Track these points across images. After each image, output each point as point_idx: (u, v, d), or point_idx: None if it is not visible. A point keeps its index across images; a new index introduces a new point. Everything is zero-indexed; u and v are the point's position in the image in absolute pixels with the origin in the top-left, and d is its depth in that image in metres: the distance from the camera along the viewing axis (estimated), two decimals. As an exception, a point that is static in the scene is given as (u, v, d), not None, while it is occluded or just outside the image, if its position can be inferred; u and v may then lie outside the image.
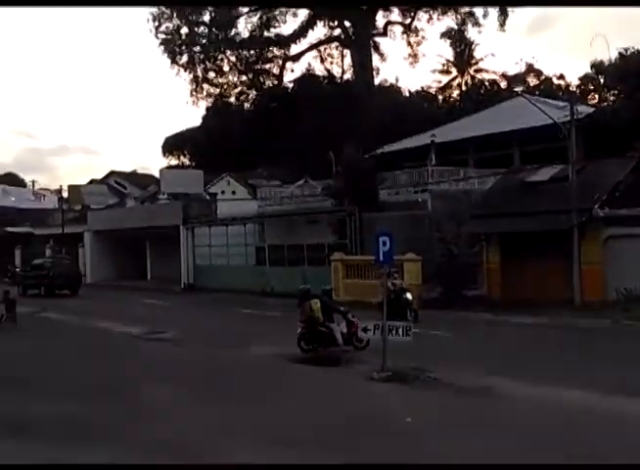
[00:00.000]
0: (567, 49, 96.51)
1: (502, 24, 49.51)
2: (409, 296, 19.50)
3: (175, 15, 50.96)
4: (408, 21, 52.39)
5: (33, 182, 54.13)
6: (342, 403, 10.89)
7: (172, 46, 51.73)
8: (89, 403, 11.41)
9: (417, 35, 53.61)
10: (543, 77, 53.96)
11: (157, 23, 51.13)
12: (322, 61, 55.52)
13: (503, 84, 54.74)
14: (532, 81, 54.75)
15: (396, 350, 12.86)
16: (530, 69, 55.32)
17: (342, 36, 52.04)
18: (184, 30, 51.65)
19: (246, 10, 51.09)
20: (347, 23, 50.64)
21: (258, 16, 51.48)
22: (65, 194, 47.72)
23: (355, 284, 25.28)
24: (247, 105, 56.41)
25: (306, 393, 11.93)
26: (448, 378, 12.11)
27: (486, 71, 57.50)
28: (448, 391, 11.46)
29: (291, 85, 54.77)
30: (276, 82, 54.53)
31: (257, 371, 13.99)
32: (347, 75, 54.35)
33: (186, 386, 12.76)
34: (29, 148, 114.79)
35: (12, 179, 56.37)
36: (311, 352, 15.14)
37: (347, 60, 53.73)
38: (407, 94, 56.28)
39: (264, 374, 13.71)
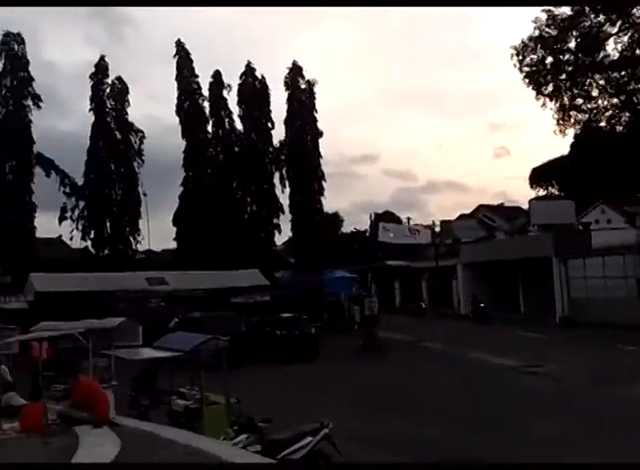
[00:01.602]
0: None
1: None
2: None
3: (539, 46, 50.66)
4: None
5: (408, 219, 57.90)
6: None
7: (537, 77, 51.40)
8: (469, 432, 11.86)
9: None
10: None
11: (520, 57, 51.42)
12: None
13: None
14: None
15: None
16: None
17: None
18: (549, 60, 51.03)
19: (614, 30, 48.46)
20: None
21: (629, 34, 48.38)
22: (437, 229, 50.24)
23: None
24: (619, 128, 53.09)
25: None
26: None
27: None
28: None
29: (671, 102, 50.11)
30: (653, 100, 50.39)
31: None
32: None
33: (568, 424, 12.44)
34: (403, 187, 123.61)
35: (390, 217, 61.14)
36: None
37: None
38: None
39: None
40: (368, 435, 12.43)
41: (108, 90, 40.55)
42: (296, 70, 43.99)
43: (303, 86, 44.11)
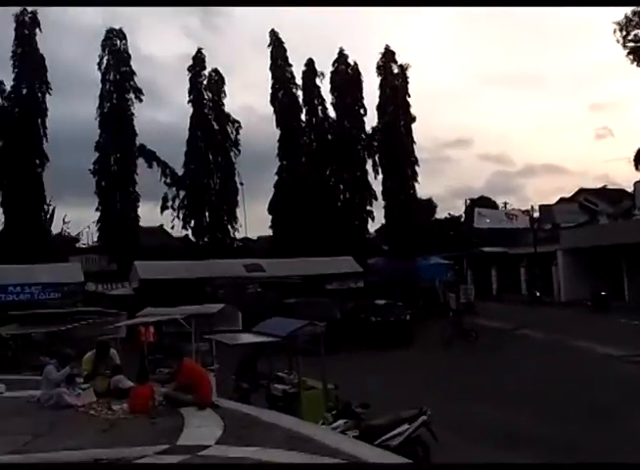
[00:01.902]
0: None
1: None
2: None
3: (644, 21, 48.13)
4: None
5: (505, 204, 56.60)
6: None
7: (641, 53, 48.90)
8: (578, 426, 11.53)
9: None
10: None
11: (624, 33, 48.98)
12: None
13: None
14: None
15: None
16: None
17: None
18: (656, 34, 48.38)
19: None
20: None
21: None
22: (535, 214, 48.79)
23: None
24: None
25: None
26: None
27: None
28: None
29: None
30: None
31: None
32: None
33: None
34: (499, 171, 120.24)
35: (485, 202, 59.77)
36: None
37: None
38: None
39: None
40: (464, 423, 12.32)
41: (205, 82, 41.57)
42: (388, 56, 43.63)
43: (396, 71, 43.72)
